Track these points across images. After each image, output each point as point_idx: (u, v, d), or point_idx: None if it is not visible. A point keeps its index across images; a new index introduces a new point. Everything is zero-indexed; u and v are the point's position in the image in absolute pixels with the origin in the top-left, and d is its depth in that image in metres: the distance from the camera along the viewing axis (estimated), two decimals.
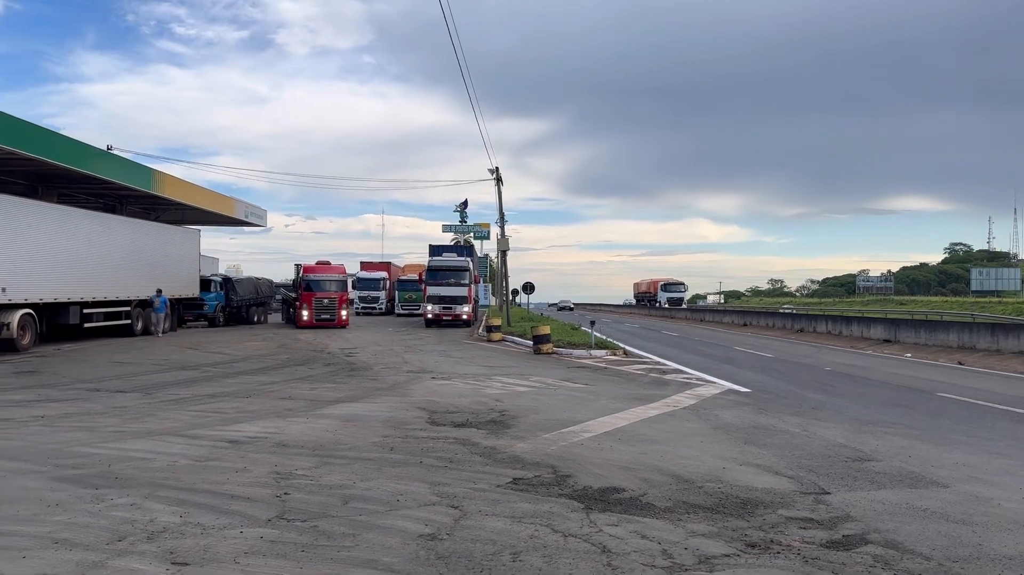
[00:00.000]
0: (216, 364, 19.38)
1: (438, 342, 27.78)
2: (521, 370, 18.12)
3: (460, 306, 38.32)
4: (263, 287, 45.43)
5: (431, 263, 40.00)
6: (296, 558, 5.19)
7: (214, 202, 35.49)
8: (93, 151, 26.06)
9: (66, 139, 23.93)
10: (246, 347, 24.82)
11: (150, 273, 29.84)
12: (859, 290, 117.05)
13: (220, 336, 30.39)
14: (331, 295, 36.67)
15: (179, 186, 31.98)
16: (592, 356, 21.80)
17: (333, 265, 39.27)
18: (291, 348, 24.66)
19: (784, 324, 42.29)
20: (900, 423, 11.44)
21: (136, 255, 28.96)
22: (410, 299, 52.88)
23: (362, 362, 19.81)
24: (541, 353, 22.30)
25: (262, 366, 18.95)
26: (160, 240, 31.54)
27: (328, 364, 19.34)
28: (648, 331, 41.34)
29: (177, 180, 31.93)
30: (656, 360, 21.52)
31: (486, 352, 23.74)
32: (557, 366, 19.32)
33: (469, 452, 8.78)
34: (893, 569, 5.29)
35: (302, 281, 37.05)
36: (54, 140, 23.27)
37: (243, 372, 17.49)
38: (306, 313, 36.24)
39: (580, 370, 18.46)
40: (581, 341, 24.70)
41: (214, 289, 38.89)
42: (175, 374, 17.03)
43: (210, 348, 24.23)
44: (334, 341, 26.71)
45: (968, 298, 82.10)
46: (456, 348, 25.09)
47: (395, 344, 26.25)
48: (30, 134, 21.74)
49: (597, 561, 5.27)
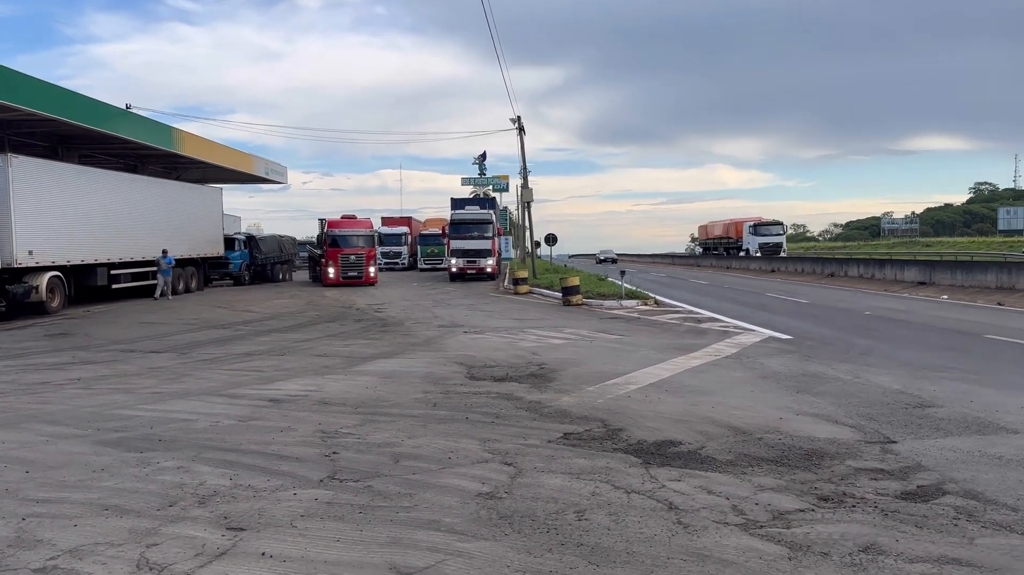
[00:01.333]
0: (247, 322, 19.33)
1: (465, 296, 27.62)
2: (553, 322, 17.90)
3: (484, 259, 38.15)
4: (286, 245, 45.09)
5: (454, 216, 39.66)
6: (355, 520, 5.06)
7: (234, 159, 35.21)
8: (113, 110, 25.86)
9: (85, 99, 23.73)
10: (274, 305, 24.77)
11: (175, 233, 29.75)
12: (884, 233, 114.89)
13: (247, 294, 30.37)
14: (358, 251, 34.87)
15: (199, 144, 31.63)
16: (623, 306, 21.64)
17: (359, 219, 37.43)
18: (319, 305, 24.53)
19: (814, 269, 41.70)
20: (955, 367, 11.16)
21: (160, 215, 28.90)
22: (432, 253, 52.44)
23: (392, 317, 19.66)
24: (571, 305, 22.07)
25: (293, 323, 18.83)
26: (183, 199, 31.37)
27: (358, 320, 19.22)
28: (675, 280, 40.87)
29: (197, 138, 31.52)
30: (689, 309, 21.29)
31: (515, 305, 23.58)
32: (589, 317, 19.11)
33: (514, 407, 8.59)
34: (979, 521, 5.07)
35: (327, 237, 35.23)
36: (73, 100, 23.04)
37: (275, 330, 17.38)
38: (332, 271, 34.42)
39: (613, 321, 18.22)
40: (611, 292, 24.47)
41: (238, 248, 38.67)
42: (207, 333, 16.94)
43: (239, 306, 24.25)
44: (361, 298, 26.64)
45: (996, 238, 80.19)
46: (484, 301, 24.97)
47: (423, 299, 26.11)
48: (49, 95, 21.53)
49: (666, 518, 5.10)
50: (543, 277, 33.72)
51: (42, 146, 24.95)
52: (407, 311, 21.42)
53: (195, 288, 31.56)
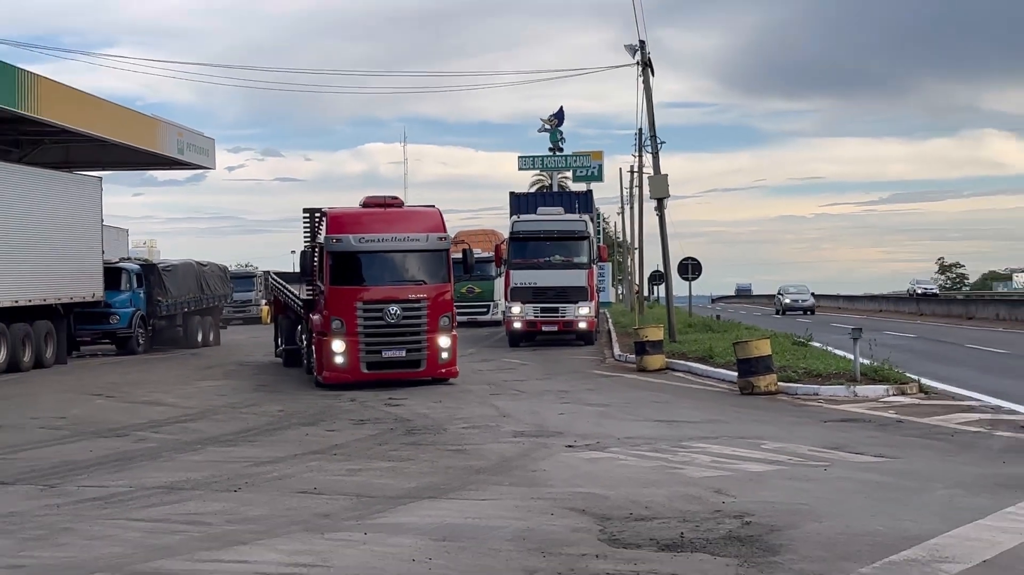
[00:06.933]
0: (156, 425, 15.68)
1: (546, 375, 22.42)
2: (735, 428, 14.04)
3: (575, 305, 28.48)
4: (212, 280, 35.14)
5: (519, 227, 30.06)
6: None
7: (127, 126, 27.87)
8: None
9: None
10: (201, 391, 20.16)
11: (19, 261, 23.33)
12: None
13: (147, 371, 24.59)
14: (407, 293, 18.44)
15: (64, 99, 25.14)
16: (859, 397, 16.67)
17: (408, 208, 20.63)
18: (279, 390, 19.96)
19: None
20: None
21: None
22: (472, 295, 39.28)
23: (421, 415, 15.68)
24: (756, 392, 17.09)
25: (242, 427, 15.27)
26: (35, 199, 24.81)
27: (361, 420, 15.31)
28: (937, 344, 32.17)
29: (61, 88, 25.35)
30: (993, 403, 16.08)
31: (646, 392, 19.03)
32: (800, 418, 14.98)
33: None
34: None
35: (326, 254, 19.17)
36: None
37: (212, 439, 14.02)
38: (340, 346, 18.04)
39: (850, 426, 14.08)
40: (827, 368, 18.99)
41: (127, 286, 29.41)
42: (87, 445, 13.47)
43: (137, 395, 19.63)
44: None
45: None
46: (586, 386, 20.16)
47: (469, 378, 21.28)
48: None
49: None
50: (689, 339, 26.69)
51: None
52: (444, 403, 17.30)
53: (51, 359, 24.80)
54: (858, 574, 6.87)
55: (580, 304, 28.07)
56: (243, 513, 9.32)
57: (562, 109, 48.21)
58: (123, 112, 27.90)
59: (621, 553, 7.51)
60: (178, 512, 9.42)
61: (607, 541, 7.89)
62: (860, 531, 8.31)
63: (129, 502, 10.02)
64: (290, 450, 13.03)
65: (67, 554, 7.88)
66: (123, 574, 7.27)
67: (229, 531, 8.54)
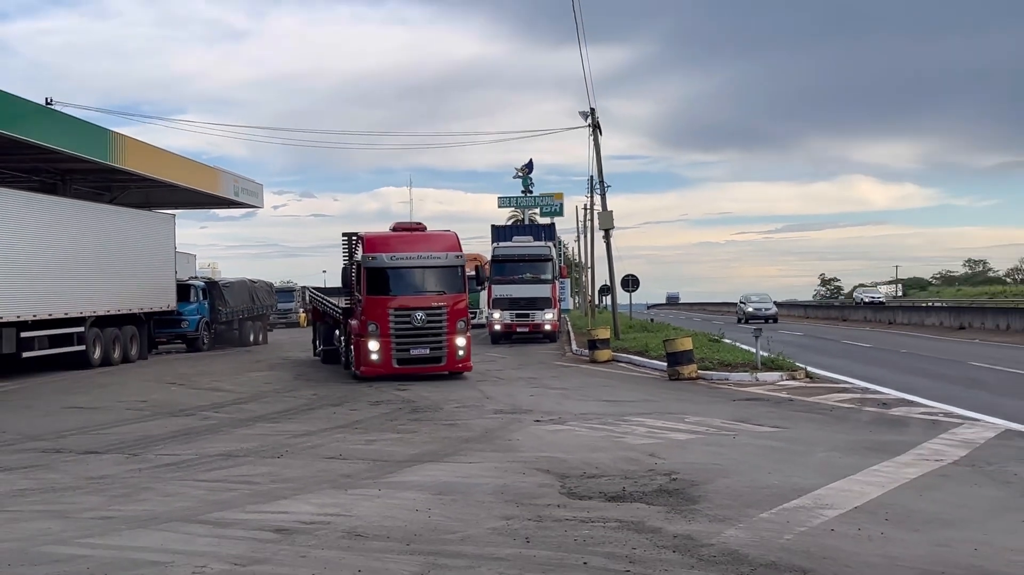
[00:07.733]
0: (217, 406, 17.31)
1: (520, 365, 24.82)
2: (665, 406, 15.65)
3: (542, 312, 33.33)
4: (260, 294, 39.42)
5: (499, 252, 34.89)
6: None
7: (194, 175, 31.28)
8: (29, 107, 22.97)
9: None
10: (251, 380, 22.25)
11: (111, 279, 26.13)
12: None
13: (211, 365, 27.21)
14: (430, 301, 20.54)
15: (146, 153, 28.17)
16: (760, 381, 18.82)
17: (431, 232, 22.67)
18: (314, 379, 22.00)
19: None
20: None
21: (91, 253, 25.47)
22: None
23: (423, 398, 17.31)
24: (681, 378, 19.19)
25: (283, 408, 16.91)
26: (123, 231, 27.63)
27: (376, 402, 17.01)
28: (820, 341, 35.92)
29: (143, 145, 28.32)
30: (862, 386, 18.23)
31: (597, 378, 21.20)
32: (714, 398, 16.78)
33: (652, 544, 6.95)
34: None
35: (363, 270, 20.97)
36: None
37: (259, 418, 15.57)
38: (375, 345, 20.15)
39: (753, 404, 15.82)
40: (736, 359, 21.48)
41: (195, 298, 33.46)
42: (163, 423, 15.09)
43: (202, 383, 21.71)
44: None
45: None
46: (551, 373, 22.56)
47: None
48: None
49: None
50: (629, 337, 30.13)
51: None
52: (441, 388, 19.03)
53: (136, 355, 27.63)
54: (759, 518, 7.73)
55: (546, 311, 33.16)
56: (284, 474, 10.15)
57: (531, 160, 58.01)
58: (191, 164, 31.44)
59: (577, 503, 8.41)
60: (233, 474, 10.25)
61: (566, 494, 8.80)
62: (761, 485, 9.11)
63: (195, 467, 10.79)
64: (321, 425, 14.06)
65: (146, 507, 8.59)
66: (192, 520, 8.00)
67: (273, 489, 9.33)
